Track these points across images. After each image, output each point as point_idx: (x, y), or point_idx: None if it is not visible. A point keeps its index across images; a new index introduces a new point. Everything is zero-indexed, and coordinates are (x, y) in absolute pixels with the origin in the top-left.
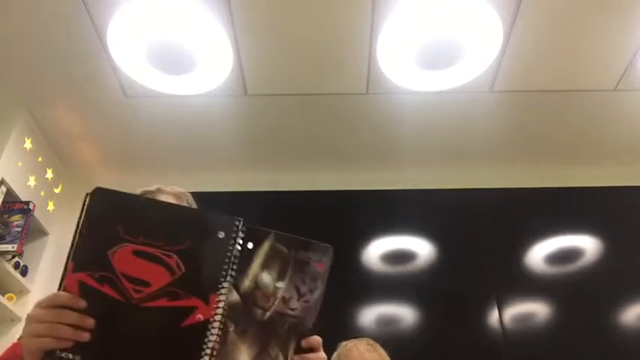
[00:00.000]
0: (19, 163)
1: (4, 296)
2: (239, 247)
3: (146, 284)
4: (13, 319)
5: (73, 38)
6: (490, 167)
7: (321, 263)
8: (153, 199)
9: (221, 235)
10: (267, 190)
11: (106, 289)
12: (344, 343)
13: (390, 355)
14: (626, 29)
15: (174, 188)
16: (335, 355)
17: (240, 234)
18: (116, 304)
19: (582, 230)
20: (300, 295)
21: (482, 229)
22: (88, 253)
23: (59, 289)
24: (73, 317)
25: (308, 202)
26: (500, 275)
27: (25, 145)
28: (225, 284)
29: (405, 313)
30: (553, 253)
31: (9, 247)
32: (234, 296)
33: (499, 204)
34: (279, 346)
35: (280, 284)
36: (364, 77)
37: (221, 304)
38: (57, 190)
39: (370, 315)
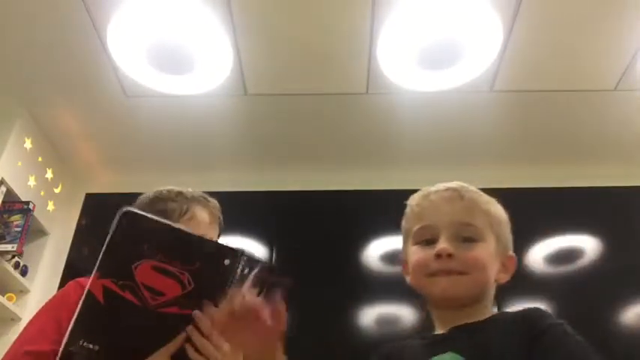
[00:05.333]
0: (19, 163)
1: (4, 296)
2: (239, 272)
3: (161, 294)
4: (13, 319)
5: (73, 38)
6: (490, 167)
7: (284, 290)
8: (175, 227)
9: (227, 262)
10: (267, 190)
11: (127, 295)
12: None
13: None
14: (626, 29)
15: (216, 205)
16: None
17: (242, 263)
18: (134, 306)
19: (582, 230)
20: None
21: None
22: (114, 265)
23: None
24: None
25: (308, 202)
26: None
27: (25, 145)
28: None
29: (405, 313)
30: (553, 253)
31: (9, 247)
32: None
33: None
34: None
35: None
36: (364, 77)
37: None
38: (57, 190)
39: (370, 315)
